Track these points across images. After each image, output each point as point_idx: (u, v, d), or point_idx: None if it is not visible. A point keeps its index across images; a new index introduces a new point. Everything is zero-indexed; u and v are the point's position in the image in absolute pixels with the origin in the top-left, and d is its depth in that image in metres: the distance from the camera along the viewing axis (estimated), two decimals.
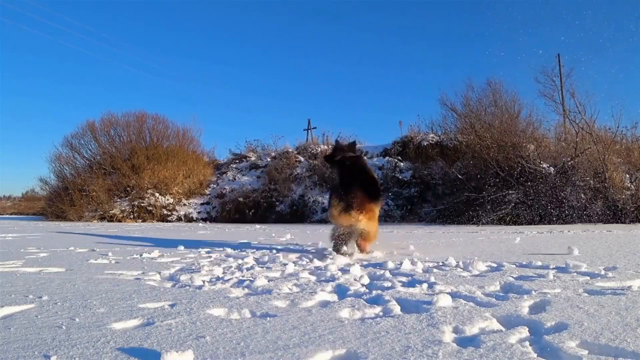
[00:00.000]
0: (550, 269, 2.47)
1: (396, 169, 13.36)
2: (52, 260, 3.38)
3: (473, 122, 11.08)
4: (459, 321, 1.42)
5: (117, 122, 17.37)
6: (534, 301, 1.70)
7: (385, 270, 2.54)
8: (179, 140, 17.65)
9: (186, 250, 4.09)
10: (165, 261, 3.25)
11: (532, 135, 10.37)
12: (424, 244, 4.39)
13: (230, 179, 16.17)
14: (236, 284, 2.21)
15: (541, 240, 4.64)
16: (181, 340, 1.26)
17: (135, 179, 15.53)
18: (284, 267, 2.76)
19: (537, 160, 9.36)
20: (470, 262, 2.70)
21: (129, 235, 6.66)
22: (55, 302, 1.79)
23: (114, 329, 1.41)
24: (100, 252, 3.90)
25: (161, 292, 2.01)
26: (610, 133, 9.76)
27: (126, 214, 15.17)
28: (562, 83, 11.44)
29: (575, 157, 9.09)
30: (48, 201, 17.21)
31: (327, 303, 1.76)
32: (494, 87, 11.40)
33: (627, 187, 8.69)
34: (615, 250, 3.43)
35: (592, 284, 2.03)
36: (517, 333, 1.29)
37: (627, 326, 1.34)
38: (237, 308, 1.66)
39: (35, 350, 1.19)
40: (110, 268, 2.88)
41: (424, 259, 3.10)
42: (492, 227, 7.93)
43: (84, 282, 2.32)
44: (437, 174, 11.52)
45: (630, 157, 9.30)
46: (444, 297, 1.73)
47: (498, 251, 3.60)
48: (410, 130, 14.58)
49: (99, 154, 17.36)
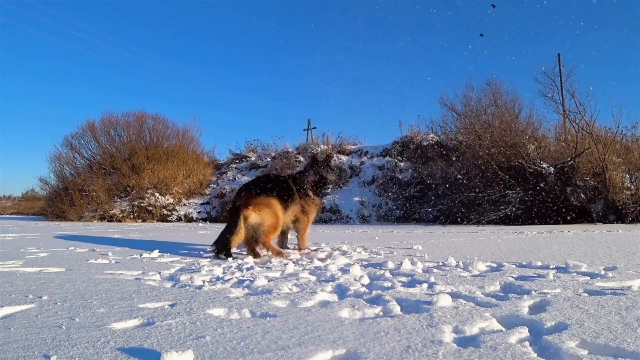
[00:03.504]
0: (550, 269, 2.47)
1: (396, 169, 13.37)
2: (52, 260, 3.38)
3: (473, 122, 11.09)
4: (459, 321, 1.42)
5: (117, 122, 17.39)
6: (534, 301, 1.70)
7: (385, 270, 2.54)
8: (179, 140, 17.66)
9: (186, 250, 4.09)
10: (165, 261, 3.25)
11: (532, 135, 10.37)
12: (424, 244, 4.39)
13: (230, 179, 16.17)
14: (236, 284, 2.21)
15: (541, 240, 4.64)
16: (181, 340, 1.26)
17: (135, 179, 15.53)
18: (284, 267, 2.76)
19: (537, 160, 9.35)
20: (470, 262, 2.69)
21: (129, 235, 6.65)
22: (55, 302, 1.79)
23: (114, 329, 1.41)
24: (100, 252, 3.90)
25: (161, 292, 2.01)
26: (610, 133, 9.76)
27: (126, 214, 15.17)
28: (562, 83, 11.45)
29: (575, 157, 9.09)
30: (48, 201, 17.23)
31: (327, 303, 1.76)
32: (494, 87, 11.42)
33: (627, 187, 8.68)
34: (615, 250, 3.43)
35: (592, 284, 2.03)
36: (517, 333, 1.29)
37: (627, 326, 1.34)
38: (237, 308, 1.66)
39: (35, 350, 1.19)
40: (110, 268, 2.88)
41: (424, 259, 3.10)
42: (492, 227, 7.93)
43: (84, 282, 2.32)
44: (437, 174, 11.52)
45: (630, 157, 9.30)
46: (444, 297, 1.73)
47: (498, 251, 3.60)
48: (410, 130, 14.62)
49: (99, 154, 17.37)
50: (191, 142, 18.06)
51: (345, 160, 14.93)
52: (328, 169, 3.99)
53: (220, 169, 17.63)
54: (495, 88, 11.35)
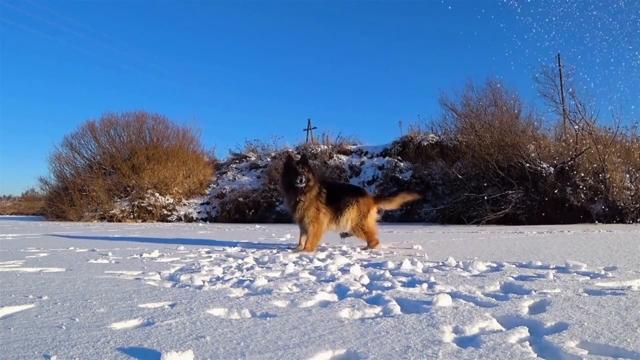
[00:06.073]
0: (550, 269, 2.47)
1: (396, 169, 13.36)
2: (52, 260, 3.38)
3: (473, 122, 11.08)
4: (459, 321, 1.42)
5: (117, 122, 17.40)
6: (534, 301, 1.70)
7: (385, 270, 2.54)
8: (179, 140, 17.66)
9: (186, 250, 4.09)
10: (165, 261, 3.25)
11: (532, 135, 10.37)
12: (424, 244, 4.39)
13: (230, 179, 16.17)
14: (236, 284, 2.21)
15: (541, 240, 4.64)
16: (181, 340, 1.26)
17: (135, 179, 15.53)
18: (284, 267, 2.76)
19: (537, 160, 9.35)
20: (470, 262, 2.70)
21: (129, 235, 6.66)
22: (55, 302, 1.79)
23: (114, 329, 1.41)
24: (100, 252, 3.90)
25: (161, 292, 2.01)
26: (610, 133, 9.76)
27: (126, 214, 15.18)
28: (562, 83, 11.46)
29: (575, 157, 9.09)
30: (48, 201, 17.23)
31: (327, 303, 1.76)
32: (494, 87, 11.42)
33: (627, 187, 8.68)
34: (615, 250, 3.43)
35: (592, 284, 2.03)
36: (517, 333, 1.29)
37: (627, 326, 1.34)
38: (237, 308, 1.66)
39: (35, 350, 1.19)
40: (110, 268, 2.88)
41: (424, 259, 3.10)
42: (492, 227, 7.93)
43: (84, 282, 2.32)
44: (437, 174, 11.52)
45: (630, 157, 9.30)
46: (444, 297, 1.73)
47: (498, 251, 3.60)
48: (410, 130, 14.60)
49: (99, 154, 17.38)
50: (191, 142, 18.08)
51: (345, 160, 14.92)
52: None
53: (220, 169, 17.63)
54: (495, 88, 11.36)
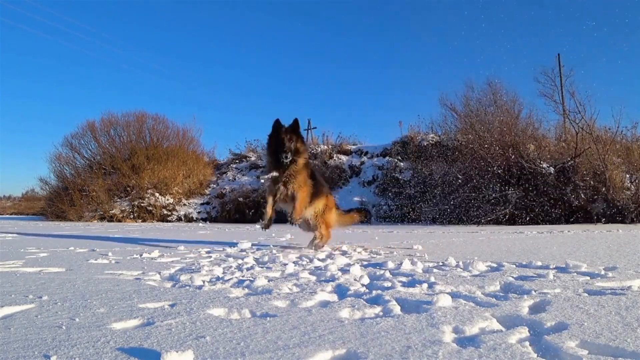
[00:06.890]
0: (550, 269, 2.47)
1: (396, 169, 13.36)
2: (52, 260, 3.38)
3: (473, 122, 11.08)
4: (459, 321, 1.42)
5: (117, 122, 17.40)
6: (534, 301, 1.70)
7: (385, 270, 2.54)
8: (179, 141, 17.66)
9: (186, 250, 4.09)
10: (165, 261, 3.25)
11: (532, 135, 10.37)
12: (424, 244, 4.39)
13: (230, 179, 16.17)
14: (236, 284, 2.21)
15: (541, 240, 4.64)
16: (181, 340, 1.26)
17: (135, 179, 15.53)
18: (284, 267, 2.76)
19: (537, 160, 9.35)
20: (470, 262, 2.69)
21: (129, 235, 6.66)
22: (55, 302, 1.79)
23: (114, 329, 1.41)
24: (100, 252, 3.90)
25: (161, 292, 2.01)
26: (610, 133, 9.76)
27: (126, 214, 15.17)
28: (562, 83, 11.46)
29: (575, 157, 9.09)
30: (48, 201, 17.23)
31: (327, 303, 1.76)
32: (494, 87, 11.42)
33: (627, 187, 8.69)
34: (615, 250, 3.43)
35: (592, 284, 2.03)
36: (517, 333, 1.29)
37: (627, 326, 1.34)
38: (237, 308, 1.66)
39: (35, 350, 1.19)
40: (110, 268, 2.88)
41: (424, 259, 3.10)
42: (492, 227, 7.93)
43: (84, 282, 2.32)
44: (437, 174, 11.53)
45: (630, 157, 9.30)
46: (444, 297, 1.72)
47: (498, 251, 3.60)
48: (410, 130, 14.60)
49: (99, 154, 17.38)
50: (191, 142, 18.08)
51: (345, 160, 14.92)
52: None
53: (220, 169, 17.63)
54: (495, 88, 11.36)
